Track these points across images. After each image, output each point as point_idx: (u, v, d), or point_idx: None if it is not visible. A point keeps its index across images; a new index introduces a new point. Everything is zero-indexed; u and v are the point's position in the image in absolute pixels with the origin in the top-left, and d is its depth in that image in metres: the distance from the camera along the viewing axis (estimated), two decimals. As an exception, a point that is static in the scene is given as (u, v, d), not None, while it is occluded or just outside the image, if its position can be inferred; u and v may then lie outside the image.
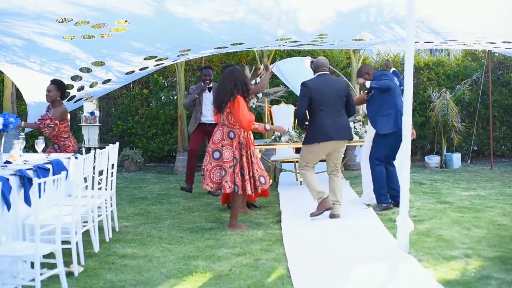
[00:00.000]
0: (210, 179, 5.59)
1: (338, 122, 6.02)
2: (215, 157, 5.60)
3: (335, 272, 4.17)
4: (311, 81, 6.12)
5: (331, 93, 6.02)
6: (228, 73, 5.67)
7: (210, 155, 5.62)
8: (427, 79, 11.68)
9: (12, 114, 4.90)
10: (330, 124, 5.96)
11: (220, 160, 5.58)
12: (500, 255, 4.45)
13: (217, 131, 5.69)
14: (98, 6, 5.51)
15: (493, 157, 10.72)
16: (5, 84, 9.53)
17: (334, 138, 5.98)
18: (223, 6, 5.89)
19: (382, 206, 6.37)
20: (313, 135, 6.01)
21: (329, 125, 5.96)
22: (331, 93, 6.02)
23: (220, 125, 5.70)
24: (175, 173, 10.52)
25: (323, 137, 5.96)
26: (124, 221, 6.16)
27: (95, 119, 8.74)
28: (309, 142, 6.06)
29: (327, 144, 6.01)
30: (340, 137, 6.03)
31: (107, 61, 7.87)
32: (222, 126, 5.67)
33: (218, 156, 5.60)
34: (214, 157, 5.61)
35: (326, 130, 5.94)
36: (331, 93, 6.02)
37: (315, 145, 6.02)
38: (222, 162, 5.57)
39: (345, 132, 6.07)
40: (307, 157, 6.13)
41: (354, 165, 10.60)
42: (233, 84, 5.54)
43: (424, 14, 6.23)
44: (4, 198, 3.78)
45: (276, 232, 5.47)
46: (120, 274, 4.21)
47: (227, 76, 5.64)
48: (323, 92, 5.99)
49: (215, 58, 11.45)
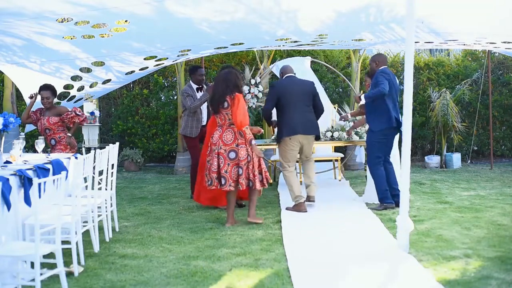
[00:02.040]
0: (232, 179, 5.65)
1: (306, 118, 6.49)
2: (231, 157, 5.67)
3: (335, 272, 4.17)
4: (278, 82, 6.74)
5: (298, 92, 6.49)
6: (223, 75, 5.78)
7: (225, 157, 5.66)
8: (427, 79, 11.68)
9: (12, 114, 4.90)
10: (297, 119, 6.42)
11: (236, 159, 5.67)
12: (500, 255, 4.45)
13: (226, 132, 5.72)
14: (98, 6, 5.51)
15: (493, 157, 10.73)
16: (5, 84, 9.53)
17: (300, 132, 6.42)
18: (223, 6, 5.89)
19: (384, 205, 6.37)
20: (282, 130, 6.46)
21: (296, 120, 6.41)
22: (298, 92, 6.49)
23: (226, 126, 5.74)
24: (175, 173, 10.52)
25: (291, 131, 6.40)
26: (124, 221, 6.16)
27: (95, 119, 8.74)
28: (280, 138, 6.49)
29: (295, 138, 6.44)
30: (306, 132, 6.48)
31: (107, 61, 7.87)
32: (230, 127, 5.73)
33: (234, 156, 5.67)
34: (230, 157, 5.67)
35: (293, 124, 6.40)
36: (299, 92, 6.50)
37: (286, 139, 6.44)
38: (239, 160, 5.66)
39: (312, 128, 6.54)
40: (284, 154, 6.53)
41: (354, 165, 10.60)
42: (225, 85, 5.67)
43: (424, 14, 6.23)
44: (4, 198, 3.78)
45: (276, 232, 5.47)
46: (120, 274, 4.21)
47: (222, 78, 5.75)
48: (290, 91, 6.47)
49: (215, 58, 11.45)
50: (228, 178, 5.65)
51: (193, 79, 7.53)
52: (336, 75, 11.33)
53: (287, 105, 6.46)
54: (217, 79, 5.82)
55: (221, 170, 5.67)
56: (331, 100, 10.34)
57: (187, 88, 7.48)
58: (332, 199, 7.25)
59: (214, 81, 5.91)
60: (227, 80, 5.71)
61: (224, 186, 5.67)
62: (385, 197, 6.41)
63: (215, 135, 5.79)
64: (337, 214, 6.33)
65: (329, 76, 11.62)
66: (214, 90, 5.82)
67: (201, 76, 7.50)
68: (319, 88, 10.19)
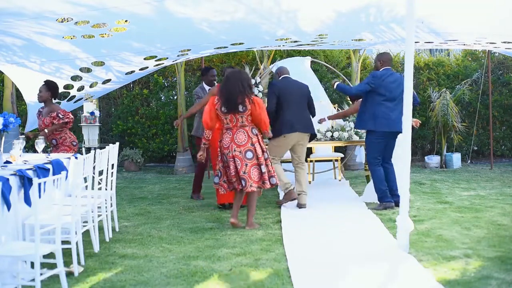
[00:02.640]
0: (252, 180, 5.51)
1: (303, 116, 6.68)
2: (248, 157, 5.53)
3: (335, 272, 4.17)
4: (276, 82, 6.84)
5: (296, 93, 6.68)
6: (237, 73, 5.64)
7: (242, 158, 5.52)
8: (427, 79, 11.68)
9: (12, 114, 4.90)
10: (295, 117, 6.59)
11: (254, 158, 5.55)
12: (500, 255, 4.45)
13: (237, 133, 5.54)
14: (98, 6, 5.51)
15: (493, 157, 10.73)
16: (5, 84, 9.53)
17: (298, 130, 6.60)
18: (223, 6, 5.89)
19: (384, 205, 6.38)
20: (279, 128, 6.56)
21: (294, 118, 6.58)
22: (296, 93, 6.68)
23: (237, 128, 5.56)
24: (175, 173, 10.52)
25: (289, 129, 6.56)
26: (124, 221, 6.16)
27: (95, 119, 8.73)
28: (276, 135, 6.52)
29: (291, 136, 6.59)
30: (303, 130, 6.65)
31: (107, 61, 7.87)
32: (242, 128, 5.57)
33: (251, 155, 5.54)
34: (247, 157, 5.53)
35: (291, 122, 6.56)
36: (297, 91, 6.69)
37: (281, 137, 6.57)
38: (257, 159, 5.55)
39: (308, 126, 6.71)
40: (274, 150, 6.63)
41: (354, 165, 10.60)
42: (241, 85, 5.50)
43: (424, 14, 6.23)
44: (4, 198, 3.78)
45: (276, 232, 5.47)
46: (120, 274, 4.21)
47: (236, 76, 5.57)
48: (290, 91, 6.65)
49: (215, 58, 11.45)
50: (248, 178, 5.50)
51: (205, 80, 7.55)
52: (336, 75, 11.33)
53: (286, 104, 6.58)
54: (230, 79, 5.58)
55: (239, 172, 5.51)
56: (331, 100, 10.34)
57: (198, 90, 7.55)
58: (332, 199, 7.26)
59: (225, 80, 5.67)
60: (242, 80, 5.53)
61: (245, 187, 5.51)
62: (384, 196, 6.42)
63: (225, 139, 5.60)
64: (337, 214, 6.33)
65: (329, 76, 11.62)
66: (228, 89, 5.53)
67: (213, 77, 7.51)
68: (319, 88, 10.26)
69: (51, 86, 6.68)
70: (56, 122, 6.51)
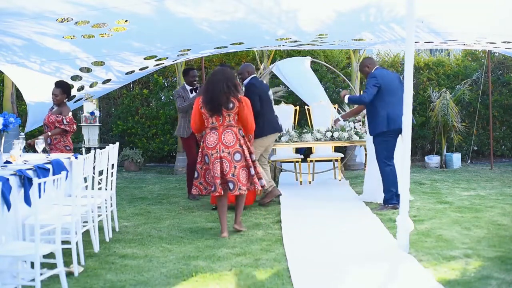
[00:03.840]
0: (241, 182, 5.31)
1: (276, 117, 6.95)
2: (236, 159, 5.32)
3: (335, 272, 4.17)
4: (254, 81, 6.85)
5: (267, 91, 6.89)
6: (220, 73, 5.40)
7: (231, 160, 5.30)
8: (427, 79, 11.68)
9: (12, 114, 4.90)
10: (274, 117, 6.88)
11: (242, 160, 5.36)
12: (500, 255, 4.45)
13: (225, 133, 5.32)
14: (98, 6, 5.51)
15: (493, 157, 10.72)
16: (5, 84, 9.53)
17: (279, 130, 6.97)
18: (223, 6, 5.89)
19: (389, 206, 6.35)
20: (263, 129, 6.66)
21: (274, 118, 6.87)
22: (267, 91, 6.89)
23: (224, 128, 5.33)
24: (175, 173, 10.52)
25: (271, 130, 6.81)
26: (124, 221, 6.16)
27: (95, 119, 8.74)
28: (262, 135, 6.67)
29: (271, 137, 6.85)
30: (280, 130, 7.04)
31: (107, 61, 7.87)
32: (230, 128, 5.35)
33: (239, 157, 5.34)
34: (235, 159, 5.32)
35: (272, 123, 6.83)
36: (267, 91, 6.89)
37: (264, 138, 6.72)
38: (246, 161, 5.40)
39: (280, 127, 7.01)
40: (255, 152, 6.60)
41: (354, 165, 10.60)
42: (225, 86, 5.28)
43: (424, 14, 6.23)
44: (4, 198, 3.78)
45: (276, 232, 5.47)
46: (120, 274, 4.21)
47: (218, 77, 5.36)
48: (265, 90, 6.84)
49: (215, 58, 11.45)
50: (237, 181, 5.28)
51: (186, 80, 7.68)
52: (336, 75, 11.33)
53: (265, 104, 6.73)
54: (213, 78, 5.39)
55: (227, 175, 5.27)
56: (331, 100, 10.33)
57: (179, 90, 7.71)
58: (332, 199, 7.26)
59: (208, 80, 5.47)
60: (227, 79, 5.32)
61: (234, 190, 5.29)
62: (391, 198, 6.38)
63: (210, 138, 5.33)
64: (337, 214, 6.33)
65: (329, 76, 11.62)
66: (211, 89, 5.32)
67: (193, 78, 7.61)
68: (319, 88, 10.26)
69: (65, 88, 6.70)
70: (58, 126, 6.45)
